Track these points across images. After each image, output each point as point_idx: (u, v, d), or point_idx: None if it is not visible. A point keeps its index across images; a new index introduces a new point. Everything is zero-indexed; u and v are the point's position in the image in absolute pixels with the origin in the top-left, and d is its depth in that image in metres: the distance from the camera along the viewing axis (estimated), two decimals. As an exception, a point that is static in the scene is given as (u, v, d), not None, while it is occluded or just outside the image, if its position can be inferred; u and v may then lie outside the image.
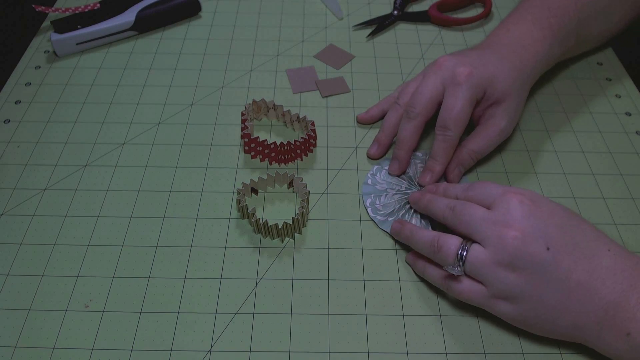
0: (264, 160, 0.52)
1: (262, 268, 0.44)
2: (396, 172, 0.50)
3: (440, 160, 0.49)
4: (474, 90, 0.47)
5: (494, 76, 0.48)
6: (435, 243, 0.40)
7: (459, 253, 0.39)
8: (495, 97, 0.49)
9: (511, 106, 0.49)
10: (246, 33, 0.67)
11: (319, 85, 0.60)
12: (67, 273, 0.44)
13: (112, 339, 0.40)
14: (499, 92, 0.49)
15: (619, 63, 0.64)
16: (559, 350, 0.40)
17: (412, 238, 0.43)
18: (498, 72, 0.48)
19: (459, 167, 0.50)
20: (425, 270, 0.42)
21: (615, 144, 0.55)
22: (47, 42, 0.65)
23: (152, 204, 0.49)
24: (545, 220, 0.38)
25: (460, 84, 0.47)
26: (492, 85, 0.48)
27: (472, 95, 0.47)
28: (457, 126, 0.47)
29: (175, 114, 0.57)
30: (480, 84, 0.47)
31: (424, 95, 0.48)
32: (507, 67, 0.49)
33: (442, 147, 0.48)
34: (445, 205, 0.42)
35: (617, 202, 0.50)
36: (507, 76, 0.49)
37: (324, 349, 0.40)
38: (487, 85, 0.48)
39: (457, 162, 0.49)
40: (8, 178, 0.50)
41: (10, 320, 0.41)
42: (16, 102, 0.58)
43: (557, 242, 0.37)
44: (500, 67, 0.49)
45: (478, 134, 0.50)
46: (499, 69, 0.49)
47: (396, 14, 0.69)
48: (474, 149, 0.49)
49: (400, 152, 0.50)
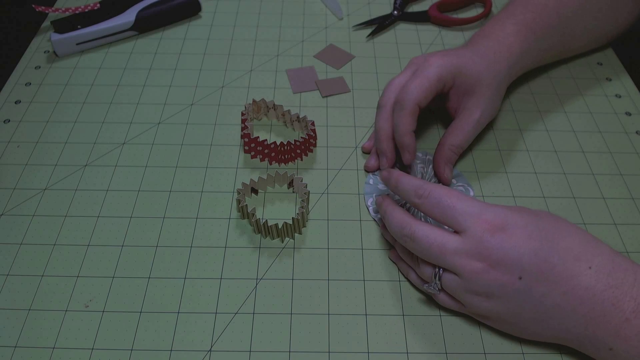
0: (264, 160, 0.52)
1: (262, 268, 0.44)
2: (374, 167, 0.51)
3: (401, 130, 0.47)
4: (440, 70, 0.47)
5: (464, 65, 0.48)
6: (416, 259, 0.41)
7: (435, 274, 0.39)
8: (466, 86, 0.49)
9: (484, 96, 0.49)
10: (246, 33, 0.67)
11: (319, 85, 0.60)
12: (67, 273, 0.44)
13: (112, 339, 0.40)
14: (469, 81, 0.49)
15: (619, 63, 0.64)
16: (559, 350, 0.40)
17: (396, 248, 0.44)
18: (469, 62, 0.49)
19: (447, 165, 0.50)
20: (408, 275, 0.43)
21: (615, 144, 0.55)
22: (47, 42, 0.65)
23: (152, 204, 0.49)
24: (518, 248, 0.36)
25: (428, 65, 0.47)
26: (462, 73, 0.48)
27: (437, 73, 0.47)
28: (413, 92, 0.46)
29: (175, 114, 0.57)
30: (448, 68, 0.48)
31: (392, 86, 0.49)
32: (478, 58, 0.50)
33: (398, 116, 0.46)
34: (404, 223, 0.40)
35: (617, 202, 0.50)
36: (477, 65, 0.49)
37: (324, 349, 0.40)
38: (456, 72, 0.48)
39: (444, 161, 0.50)
40: (8, 178, 0.50)
41: (10, 320, 0.41)
42: (16, 102, 0.58)
43: (530, 270, 0.36)
44: (472, 58, 0.49)
45: (455, 127, 0.50)
46: (470, 60, 0.49)
47: (396, 14, 0.69)
48: (454, 143, 0.49)
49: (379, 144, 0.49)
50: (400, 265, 0.44)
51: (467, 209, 0.38)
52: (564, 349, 0.40)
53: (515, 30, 0.52)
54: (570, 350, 0.40)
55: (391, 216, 0.42)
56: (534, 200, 0.49)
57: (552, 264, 0.36)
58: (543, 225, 0.37)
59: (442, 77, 0.47)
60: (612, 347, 0.35)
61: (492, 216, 0.37)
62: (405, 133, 0.46)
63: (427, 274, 0.40)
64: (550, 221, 0.38)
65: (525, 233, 0.37)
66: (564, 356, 0.40)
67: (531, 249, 0.36)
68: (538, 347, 0.40)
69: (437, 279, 0.39)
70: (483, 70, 0.49)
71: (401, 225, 0.40)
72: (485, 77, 0.49)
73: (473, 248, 0.37)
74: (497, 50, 0.51)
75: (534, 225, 0.37)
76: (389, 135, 0.49)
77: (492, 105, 0.51)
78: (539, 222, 0.38)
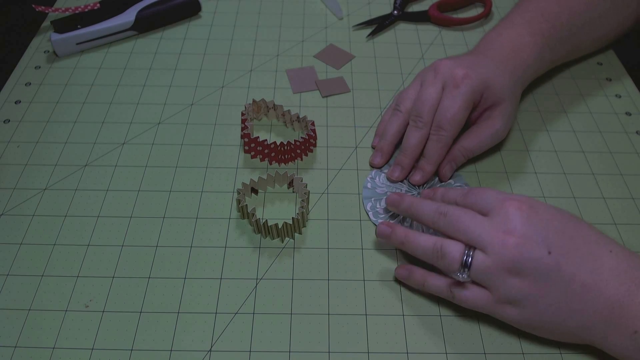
0: (264, 160, 0.52)
1: (262, 268, 0.44)
2: (399, 178, 0.50)
3: (432, 160, 0.49)
4: (471, 92, 0.47)
5: (490, 80, 0.48)
6: (438, 249, 0.39)
7: (464, 258, 0.38)
8: (492, 100, 0.49)
9: (507, 109, 0.50)
10: (246, 33, 0.67)
11: (319, 85, 0.60)
12: (67, 273, 0.44)
13: (112, 339, 0.40)
14: (496, 96, 0.49)
15: (619, 63, 0.64)
16: (559, 350, 0.40)
17: (409, 244, 0.42)
18: (494, 76, 0.49)
19: (450, 164, 0.50)
20: (425, 282, 0.41)
21: (615, 144, 0.55)
22: (47, 42, 0.65)
23: (152, 204, 0.49)
24: (544, 225, 0.38)
25: (458, 85, 0.47)
26: (489, 89, 0.49)
27: (469, 97, 0.47)
28: (451, 127, 0.47)
29: (175, 114, 0.57)
30: (477, 86, 0.48)
31: (427, 103, 0.48)
32: (502, 71, 0.50)
33: (435, 147, 0.48)
34: (433, 210, 0.41)
35: (617, 202, 0.50)
36: (502, 80, 0.49)
37: (324, 349, 0.40)
38: (483, 89, 0.48)
39: (449, 159, 0.50)
40: (8, 178, 0.50)
41: (10, 320, 0.41)
42: (16, 102, 0.58)
43: (558, 246, 0.37)
44: (495, 71, 0.49)
45: (472, 132, 0.50)
46: (495, 73, 0.49)
47: (396, 14, 0.69)
48: (467, 147, 0.50)
49: (405, 159, 0.50)
50: (413, 276, 0.42)
51: (497, 195, 0.40)
52: (564, 349, 0.40)
53: (532, 42, 0.52)
54: (571, 351, 0.40)
55: (422, 203, 0.43)
56: (534, 200, 0.49)
57: (577, 244, 0.37)
58: (564, 213, 0.40)
59: (473, 99, 0.48)
60: (637, 330, 0.35)
61: (519, 197, 0.39)
62: (434, 163, 0.49)
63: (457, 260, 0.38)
64: (569, 213, 0.40)
65: (549, 214, 0.38)
66: (564, 356, 0.40)
67: (556, 228, 0.38)
68: (538, 347, 0.40)
69: (466, 268, 0.38)
70: (507, 85, 0.49)
71: (435, 206, 0.41)
72: (508, 91, 0.50)
73: (501, 222, 0.38)
74: (516, 62, 0.51)
75: (556, 210, 0.39)
76: (417, 156, 0.50)
77: (511, 118, 0.51)
78: (559, 210, 0.40)
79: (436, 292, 0.41)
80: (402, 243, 0.42)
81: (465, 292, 0.39)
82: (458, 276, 0.38)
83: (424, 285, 0.42)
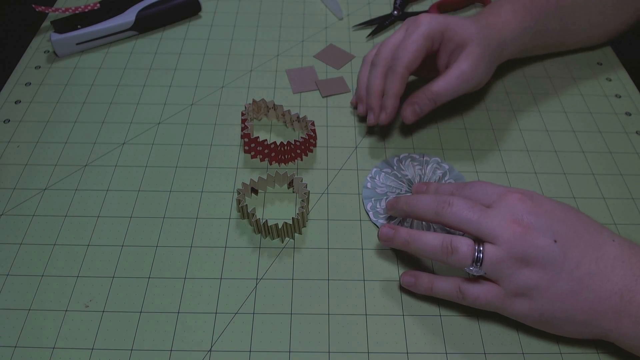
0: (264, 160, 0.52)
1: (262, 268, 0.44)
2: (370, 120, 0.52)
3: (390, 92, 0.50)
4: (429, 26, 0.49)
5: (454, 22, 0.50)
6: (448, 246, 0.38)
7: (476, 252, 0.38)
8: (456, 42, 0.50)
9: (473, 53, 0.50)
10: (246, 33, 0.67)
11: (319, 85, 0.60)
12: (67, 273, 0.44)
13: (112, 339, 0.40)
14: (459, 37, 0.50)
15: (619, 63, 0.64)
16: (559, 350, 0.40)
17: (414, 243, 0.40)
18: (458, 22, 0.50)
19: (413, 106, 0.50)
20: (433, 286, 0.41)
21: (615, 144, 0.55)
22: (47, 42, 0.65)
23: (152, 204, 0.49)
24: (548, 215, 0.38)
25: (418, 23, 0.50)
26: (451, 29, 0.50)
27: (426, 30, 0.49)
28: (405, 56, 0.48)
29: (175, 114, 0.57)
30: (437, 25, 0.49)
31: (388, 43, 0.51)
32: (469, 22, 0.51)
33: (390, 79, 0.49)
34: (434, 202, 0.40)
35: (617, 202, 0.50)
36: (467, 26, 0.50)
37: (324, 349, 0.40)
38: (444, 29, 0.50)
39: (412, 100, 0.51)
40: (8, 178, 0.50)
41: (10, 320, 0.41)
42: (16, 102, 0.58)
43: (563, 235, 0.37)
44: (461, 20, 0.51)
45: (439, 76, 0.50)
46: (460, 20, 0.51)
47: (396, 14, 0.69)
48: (433, 89, 0.50)
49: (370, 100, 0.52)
50: (420, 282, 0.41)
51: (498, 188, 0.41)
52: (564, 350, 0.40)
53: (512, 9, 0.53)
54: (571, 351, 0.40)
55: (419, 198, 0.42)
56: (534, 200, 0.49)
57: (580, 233, 0.38)
58: (565, 205, 0.40)
59: (431, 34, 0.49)
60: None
61: (517, 190, 0.40)
62: (393, 96, 0.50)
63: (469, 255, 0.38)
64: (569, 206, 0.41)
65: (551, 205, 0.39)
66: (564, 356, 0.40)
67: (559, 218, 0.38)
68: (538, 347, 0.40)
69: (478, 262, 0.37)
70: (473, 31, 0.50)
71: (435, 199, 0.41)
72: (475, 37, 0.50)
73: (507, 214, 0.38)
74: (492, 21, 0.52)
75: (557, 202, 0.40)
76: (380, 93, 0.51)
77: (480, 66, 0.50)
78: (558, 202, 0.40)
79: (445, 296, 0.41)
80: (406, 243, 0.41)
81: (475, 288, 0.39)
82: (471, 270, 0.38)
83: (432, 289, 0.41)
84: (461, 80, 0.50)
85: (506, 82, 0.61)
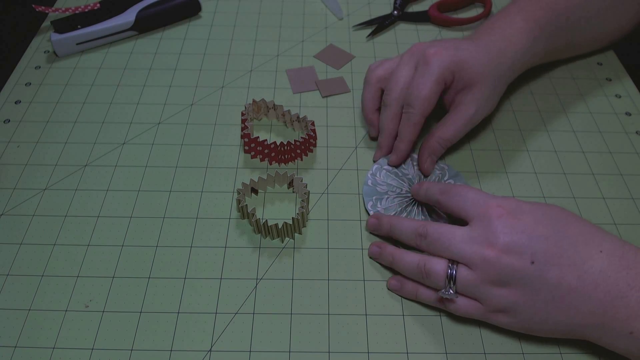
0: (264, 160, 0.52)
1: (262, 268, 0.44)
2: (377, 158, 0.52)
3: (404, 138, 0.49)
4: (441, 70, 0.47)
5: (465, 60, 0.48)
6: (422, 268, 0.40)
7: (448, 275, 0.39)
8: (465, 81, 0.49)
9: (481, 93, 0.49)
10: (246, 33, 0.67)
11: (319, 85, 0.60)
12: (67, 273, 0.44)
13: (112, 339, 0.40)
14: (469, 77, 0.48)
15: (619, 63, 0.64)
16: (559, 350, 0.40)
17: (395, 263, 0.43)
18: (469, 57, 0.48)
19: (431, 156, 0.50)
20: (417, 293, 0.42)
21: (615, 144, 0.55)
22: (47, 42, 0.65)
23: (152, 204, 0.49)
24: (527, 233, 0.37)
25: (428, 63, 0.48)
26: (462, 69, 0.48)
27: (439, 74, 0.47)
28: (420, 104, 0.47)
29: (175, 114, 0.57)
30: (448, 64, 0.47)
31: (399, 82, 0.49)
32: (481, 54, 0.49)
33: (405, 125, 0.49)
34: (413, 231, 0.42)
35: (617, 202, 0.50)
36: (478, 61, 0.48)
37: (324, 349, 0.40)
38: (456, 69, 0.48)
39: (429, 152, 0.50)
40: (8, 178, 0.50)
41: (10, 320, 0.41)
42: (16, 102, 0.58)
43: (542, 254, 0.36)
44: (473, 52, 0.49)
45: (447, 121, 0.50)
46: (471, 54, 0.49)
47: (396, 14, 0.69)
48: (443, 137, 0.49)
49: (382, 140, 0.51)
50: (405, 288, 0.42)
51: (477, 198, 0.40)
52: (564, 349, 0.40)
53: (524, 27, 0.51)
54: (571, 351, 0.40)
55: (401, 223, 0.43)
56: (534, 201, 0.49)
57: (563, 248, 0.36)
58: (551, 213, 0.38)
59: (442, 76, 0.48)
60: (632, 331, 0.35)
61: (499, 202, 0.39)
62: (407, 142, 0.49)
63: (441, 277, 0.39)
64: (558, 211, 0.39)
65: (533, 219, 0.37)
66: (564, 356, 0.40)
67: (540, 234, 0.37)
68: (538, 347, 0.40)
69: (452, 283, 0.38)
70: (483, 66, 0.49)
71: (414, 226, 0.42)
72: (484, 74, 0.49)
73: (482, 234, 0.37)
74: (502, 47, 0.50)
75: (541, 212, 0.38)
76: (393, 136, 0.51)
77: (488, 103, 0.50)
78: (546, 210, 0.38)
79: (429, 303, 0.42)
80: (391, 262, 0.43)
81: (456, 304, 0.40)
82: (444, 293, 0.39)
83: (417, 296, 0.42)
84: (469, 124, 0.50)
85: (506, 82, 0.61)
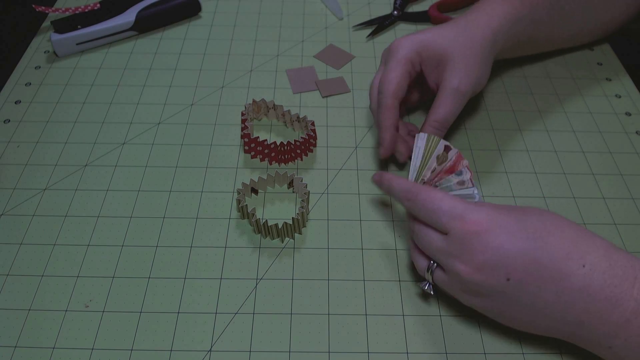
0: (264, 160, 0.52)
1: (262, 268, 0.44)
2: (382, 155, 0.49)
3: (382, 125, 0.48)
4: (404, 51, 0.48)
5: (428, 38, 0.49)
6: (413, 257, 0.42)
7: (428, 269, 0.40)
8: (437, 58, 0.49)
9: (458, 64, 0.48)
10: (246, 33, 0.67)
11: (319, 85, 0.60)
12: (67, 273, 0.44)
13: (112, 339, 0.40)
14: (437, 52, 0.48)
15: (619, 63, 0.64)
16: (559, 350, 0.40)
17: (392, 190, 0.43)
18: (434, 35, 0.49)
19: None
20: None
21: (615, 144, 0.55)
22: (47, 42, 0.65)
23: (152, 204, 0.49)
24: (504, 249, 0.35)
25: (391, 51, 0.49)
26: (427, 47, 0.48)
27: (401, 55, 0.48)
28: (387, 87, 0.47)
29: (175, 114, 0.57)
30: (411, 46, 0.48)
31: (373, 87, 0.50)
32: (448, 30, 0.49)
33: (379, 112, 0.48)
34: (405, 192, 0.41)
35: (617, 202, 0.50)
36: (444, 37, 0.49)
37: (324, 349, 0.40)
38: (420, 48, 0.48)
39: None
40: (8, 178, 0.50)
41: (10, 320, 0.41)
42: (16, 102, 0.58)
43: (518, 271, 0.35)
44: (439, 30, 0.49)
45: (435, 103, 0.49)
46: (437, 32, 0.49)
47: (396, 14, 0.69)
48: (436, 119, 0.48)
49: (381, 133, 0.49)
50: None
51: (451, 211, 0.37)
52: (564, 349, 0.40)
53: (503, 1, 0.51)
54: (570, 350, 0.40)
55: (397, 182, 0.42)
56: (534, 200, 0.49)
57: (542, 265, 0.35)
58: (531, 223, 0.36)
59: (407, 57, 0.48)
60: (611, 346, 0.34)
61: (476, 217, 0.36)
62: (385, 128, 0.48)
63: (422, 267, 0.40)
64: (540, 218, 0.36)
65: (511, 233, 0.35)
66: (564, 356, 0.40)
67: (518, 250, 0.35)
68: (538, 347, 0.40)
69: (430, 273, 0.40)
70: (450, 40, 0.48)
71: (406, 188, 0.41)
72: (453, 46, 0.48)
73: (457, 250, 0.36)
74: (473, 17, 0.50)
75: (520, 224, 0.36)
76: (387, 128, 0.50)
77: (471, 73, 0.48)
78: (526, 221, 0.36)
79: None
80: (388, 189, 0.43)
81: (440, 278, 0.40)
82: (420, 285, 0.41)
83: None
84: (457, 97, 0.48)
85: (506, 82, 0.61)
